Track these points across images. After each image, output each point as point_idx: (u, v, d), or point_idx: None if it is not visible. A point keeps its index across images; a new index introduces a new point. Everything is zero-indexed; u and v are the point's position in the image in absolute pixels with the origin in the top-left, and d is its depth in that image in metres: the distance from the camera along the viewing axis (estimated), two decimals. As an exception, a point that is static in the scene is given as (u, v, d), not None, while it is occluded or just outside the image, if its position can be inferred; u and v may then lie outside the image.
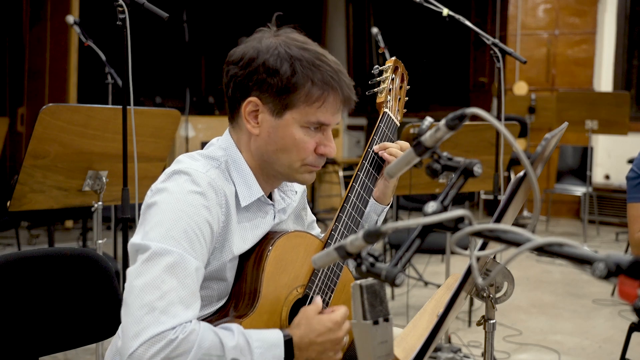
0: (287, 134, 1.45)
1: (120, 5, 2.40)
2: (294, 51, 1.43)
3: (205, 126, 7.36)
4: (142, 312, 1.27)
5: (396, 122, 1.72)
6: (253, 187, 1.49)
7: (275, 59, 1.42)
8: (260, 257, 1.47)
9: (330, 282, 1.56)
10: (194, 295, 1.33)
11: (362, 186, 1.63)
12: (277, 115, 1.44)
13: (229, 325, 1.37)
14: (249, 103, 1.45)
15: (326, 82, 1.43)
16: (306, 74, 1.42)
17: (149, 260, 1.31)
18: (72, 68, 6.52)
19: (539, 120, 7.62)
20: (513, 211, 1.27)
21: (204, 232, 1.37)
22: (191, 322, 1.31)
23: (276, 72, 1.41)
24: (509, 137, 0.89)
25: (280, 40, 1.45)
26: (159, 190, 1.40)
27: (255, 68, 1.43)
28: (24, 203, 2.41)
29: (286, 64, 1.42)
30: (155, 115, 2.69)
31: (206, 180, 1.40)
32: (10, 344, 1.59)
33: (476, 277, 0.89)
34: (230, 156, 1.50)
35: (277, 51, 1.43)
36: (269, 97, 1.43)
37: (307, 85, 1.42)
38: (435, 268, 5.23)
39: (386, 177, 1.04)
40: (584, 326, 4.11)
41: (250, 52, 1.44)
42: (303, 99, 1.43)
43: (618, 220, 7.34)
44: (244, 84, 1.45)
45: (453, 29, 8.01)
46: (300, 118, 1.44)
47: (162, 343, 1.26)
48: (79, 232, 5.90)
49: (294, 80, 1.41)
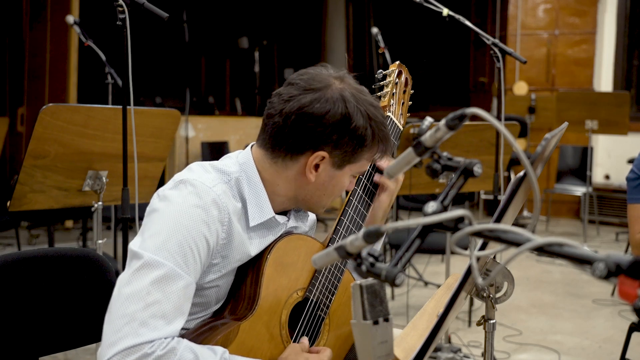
0: (340, 182, 1.50)
1: (120, 5, 2.40)
2: (370, 111, 1.45)
3: (205, 126, 7.35)
4: (122, 321, 1.26)
5: (399, 127, 1.72)
6: (265, 208, 1.47)
7: (362, 124, 1.42)
8: (260, 259, 1.47)
9: (332, 285, 1.55)
10: (178, 310, 1.32)
11: (364, 189, 1.63)
12: (339, 168, 1.47)
13: (215, 347, 1.35)
14: (317, 156, 1.44)
15: (388, 140, 1.49)
16: (379, 137, 1.46)
17: (139, 270, 1.30)
18: (72, 68, 6.52)
19: (539, 120, 7.62)
20: (513, 211, 1.27)
21: (200, 247, 1.35)
22: (173, 338, 1.29)
23: (361, 137, 1.43)
24: (509, 137, 0.89)
25: (354, 96, 1.44)
26: (164, 198, 1.39)
27: (342, 131, 1.42)
28: (24, 203, 2.41)
29: (369, 129, 1.44)
30: (155, 115, 2.69)
31: (211, 196, 1.38)
32: (10, 344, 1.59)
33: (476, 277, 0.89)
34: (245, 172, 1.47)
35: (360, 113, 1.43)
36: (340, 154, 1.45)
37: (378, 146, 1.48)
38: (435, 268, 5.23)
39: (386, 177, 1.04)
40: (584, 326, 4.11)
41: (337, 112, 1.41)
42: (367, 155, 1.48)
43: (618, 220, 7.34)
44: (319, 138, 1.43)
45: (453, 29, 8.01)
46: (356, 170, 1.50)
47: (137, 355, 1.24)
48: (79, 232, 5.91)
49: (369, 143, 1.45)
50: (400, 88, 1.76)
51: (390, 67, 1.76)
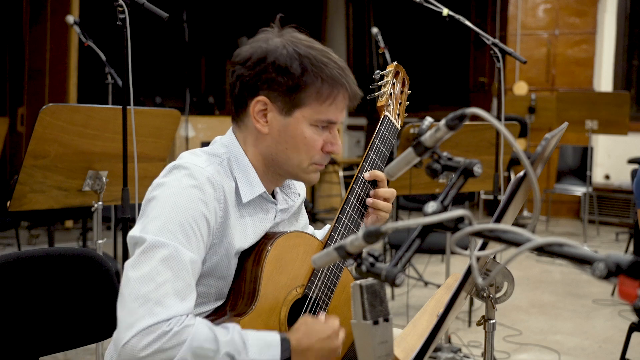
0: (297, 132, 1.46)
1: (120, 5, 2.40)
2: (302, 49, 1.44)
3: (205, 126, 7.35)
4: (136, 303, 1.28)
5: (397, 126, 1.73)
6: (255, 184, 1.50)
7: (284, 58, 1.42)
8: (259, 256, 1.48)
9: (330, 283, 1.56)
10: (189, 287, 1.34)
11: (362, 187, 1.63)
12: (287, 114, 1.46)
13: (227, 324, 1.38)
14: (258, 102, 1.46)
15: (335, 79, 1.44)
16: (316, 72, 1.43)
17: (144, 253, 1.32)
18: (72, 68, 6.52)
19: (539, 120, 7.62)
20: (513, 211, 1.27)
21: (200, 226, 1.38)
22: (187, 315, 1.32)
23: (286, 70, 1.42)
24: (509, 137, 0.89)
25: (286, 39, 1.46)
26: (159, 185, 1.42)
27: (264, 67, 1.43)
28: (24, 203, 2.41)
29: (296, 62, 1.42)
30: (155, 115, 2.69)
31: (204, 175, 1.41)
32: (10, 344, 1.59)
33: (476, 277, 0.89)
34: (232, 153, 1.51)
35: (286, 50, 1.43)
36: (279, 96, 1.44)
37: (317, 83, 1.43)
38: (435, 268, 5.23)
39: (387, 177, 1.04)
40: (584, 326, 4.11)
41: (258, 52, 1.45)
42: (314, 96, 1.44)
43: (618, 220, 7.34)
44: (252, 83, 1.45)
45: (453, 29, 8.01)
46: (310, 116, 1.45)
47: (156, 334, 1.27)
48: (79, 232, 5.90)
49: (304, 79, 1.43)
50: (397, 88, 1.77)
51: (388, 68, 1.78)
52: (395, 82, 1.77)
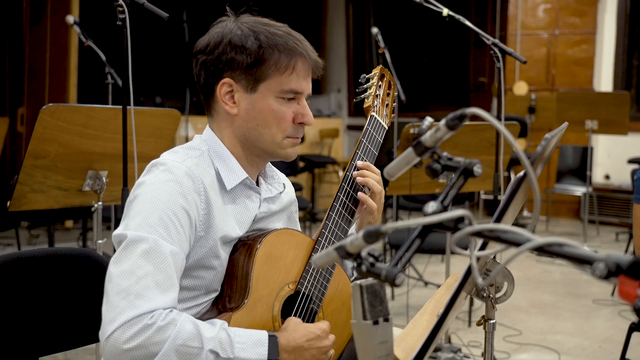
0: (265, 107, 1.49)
1: (120, 5, 2.40)
2: (255, 27, 1.49)
3: (205, 126, 7.35)
4: (118, 297, 1.29)
5: (383, 125, 1.78)
6: (237, 171, 1.52)
7: (239, 37, 1.47)
8: (250, 253, 1.49)
9: (323, 279, 1.58)
10: (171, 279, 1.34)
11: (351, 184, 1.66)
12: (252, 90, 1.49)
13: (214, 320, 1.39)
14: (223, 85, 1.49)
15: (292, 49, 1.48)
16: (271, 44, 1.47)
17: (125, 249, 1.34)
18: (72, 68, 6.52)
19: (539, 120, 7.62)
20: (513, 211, 1.27)
21: (181, 218, 1.39)
22: (172, 310, 1.32)
23: (243, 47, 1.46)
24: (509, 137, 0.89)
25: (240, 21, 1.51)
26: (139, 184, 1.44)
27: (222, 49, 1.47)
28: (24, 203, 2.41)
29: (251, 38, 1.47)
30: (155, 115, 2.69)
31: (181, 169, 1.43)
32: (10, 344, 1.59)
33: (476, 277, 0.89)
34: (211, 146, 1.53)
35: (240, 30, 1.48)
36: (241, 74, 1.48)
37: (274, 54, 1.47)
38: (435, 268, 5.23)
39: (387, 177, 1.04)
40: (584, 326, 4.11)
41: (215, 37, 1.49)
42: (273, 68, 1.47)
43: (618, 220, 7.34)
44: (214, 67, 1.49)
45: (453, 29, 8.03)
46: (274, 88, 1.48)
47: (138, 327, 1.27)
48: (79, 232, 5.90)
49: (261, 52, 1.46)
50: (383, 90, 1.82)
51: (373, 71, 1.84)
52: (382, 84, 1.82)
